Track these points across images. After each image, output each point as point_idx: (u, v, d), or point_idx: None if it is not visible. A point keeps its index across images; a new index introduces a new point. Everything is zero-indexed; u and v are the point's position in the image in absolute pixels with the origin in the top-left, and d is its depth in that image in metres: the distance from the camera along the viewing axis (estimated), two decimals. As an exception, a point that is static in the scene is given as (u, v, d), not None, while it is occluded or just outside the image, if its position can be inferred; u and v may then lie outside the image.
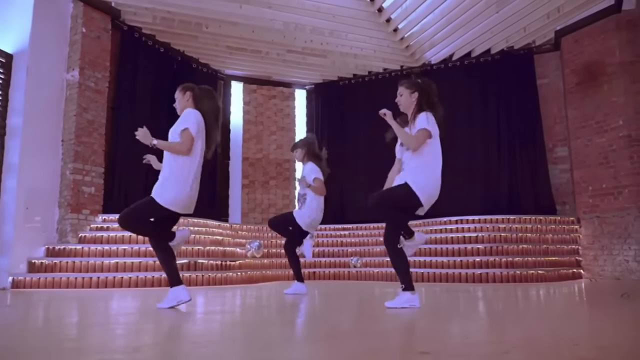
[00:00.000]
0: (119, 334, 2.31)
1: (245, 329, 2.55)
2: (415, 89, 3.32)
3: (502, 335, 2.17)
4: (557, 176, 8.00)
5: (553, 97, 8.19)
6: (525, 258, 6.56)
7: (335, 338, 2.10)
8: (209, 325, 2.66)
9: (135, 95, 7.49)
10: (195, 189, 3.34)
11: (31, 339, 2.16)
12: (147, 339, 2.18)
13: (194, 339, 2.14)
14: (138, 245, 6.11)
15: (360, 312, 3.47)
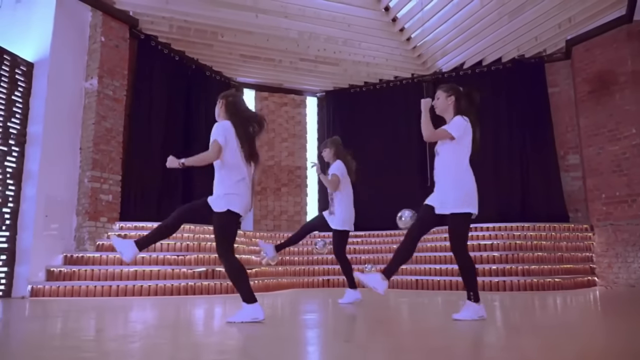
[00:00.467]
0: (137, 348, 2.32)
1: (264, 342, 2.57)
2: (452, 93, 3.33)
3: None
4: (569, 183, 8.05)
5: (564, 105, 8.26)
6: (541, 266, 6.59)
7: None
8: (228, 338, 2.68)
9: (151, 102, 7.54)
10: (244, 191, 3.20)
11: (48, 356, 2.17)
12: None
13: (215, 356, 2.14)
14: (156, 254, 6.13)
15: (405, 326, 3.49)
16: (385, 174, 8.78)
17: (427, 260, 7.17)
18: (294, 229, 9.15)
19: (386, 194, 8.59)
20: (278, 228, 9.17)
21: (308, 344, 2.46)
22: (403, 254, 3.21)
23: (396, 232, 8.19)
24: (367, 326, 3.25)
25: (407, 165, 8.89)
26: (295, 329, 2.99)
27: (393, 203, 7.65)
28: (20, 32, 6.23)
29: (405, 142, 8.89)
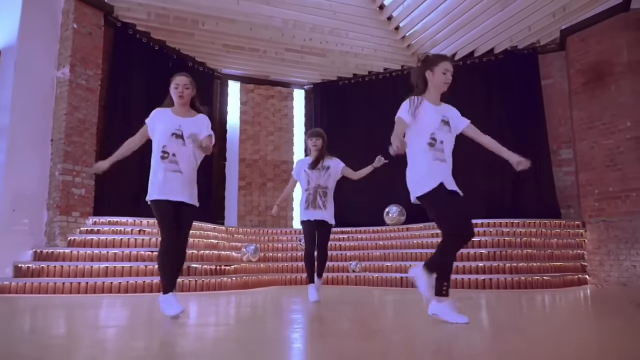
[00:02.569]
0: (107, 348, 2.09)
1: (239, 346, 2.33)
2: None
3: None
4: (561, 179, 7.80)
5: (558, 98, 8.00)
6: (530, 264, 6.35)
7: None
8: (200, 341, 2.45)
9: (129, 94, 7.28)
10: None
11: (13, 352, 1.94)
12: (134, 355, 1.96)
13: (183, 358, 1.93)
14: (129, 250, 5.89)
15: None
16: (373, 176, 8.54)
17: (413, 257, 6.94)
18: (280, 226, 8.95)
19: (374, 190, 8.34)
20: (263, 224, 8.93)
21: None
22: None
23: (383, 229, 7.96)
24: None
25: (397, 160, 8.63)
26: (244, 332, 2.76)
27: (381, 199, 7.43)
28: (-14, 18, 5.97)
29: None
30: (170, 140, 3.08)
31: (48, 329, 2.90)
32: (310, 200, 4.26)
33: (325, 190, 4.27)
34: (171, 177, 3.03)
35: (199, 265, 6.03)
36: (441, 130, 2.89)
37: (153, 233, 6.30)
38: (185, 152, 3.09)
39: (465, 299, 4.82)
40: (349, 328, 2.94)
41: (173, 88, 3.22)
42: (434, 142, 2.86)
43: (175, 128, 3.11)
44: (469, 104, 8.38)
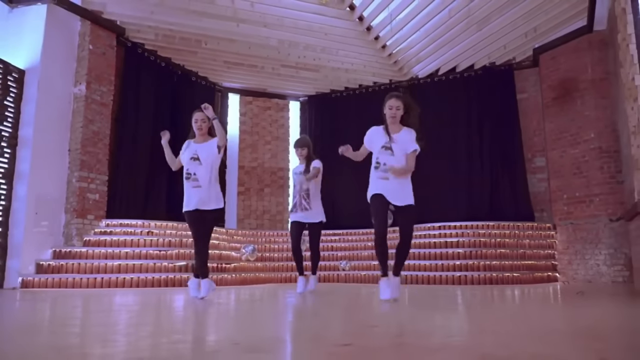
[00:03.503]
0: (120, 332, 2.72)
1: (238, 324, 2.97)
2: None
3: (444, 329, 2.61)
4: (535, 185, 8.47)
5: (532, 110, 8.68)
6: (502, 262, 7.01)
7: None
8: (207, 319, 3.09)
9: (137, 107, 7.95)
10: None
11: (36, 337, 2.57)
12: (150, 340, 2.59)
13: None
14: (139, 249, 6.54)
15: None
16: (364, 174, 9.19)
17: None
18: (276, 228, 9.59)
19: (363, 193, 8.99)
20: (260, 227, 9.58)
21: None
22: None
23: (371, 230, 8.58)
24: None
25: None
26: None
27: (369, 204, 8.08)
28: (12, 41, 6.64)
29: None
30: (190, 163, 4.08)
31: (70, 315, 3.55)
32: (297, 204, 4.87)
33: (307, 191, 4.86)
34: (194, 192, 4.02)
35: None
36: (383, 155, 3.76)
37: (160, 234, 6.95)
38: (202, 169, 4.06)
39: (442, 291, 5.47)
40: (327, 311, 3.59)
41: (193, 122, 4.19)
42: (378, 165, 3.76)
43: (193, 153, 4.11)
44: (450, 114, 9.21)
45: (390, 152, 3.73)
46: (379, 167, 3.72)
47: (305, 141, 5.05)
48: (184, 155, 4.15)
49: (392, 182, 3.69)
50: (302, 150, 4.97)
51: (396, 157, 3.72)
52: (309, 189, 4.87)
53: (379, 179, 3.73)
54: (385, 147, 3.74)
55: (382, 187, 3.69)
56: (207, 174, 4.04)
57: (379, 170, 3.73)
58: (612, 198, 7.13)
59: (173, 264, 6.47)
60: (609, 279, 7.03)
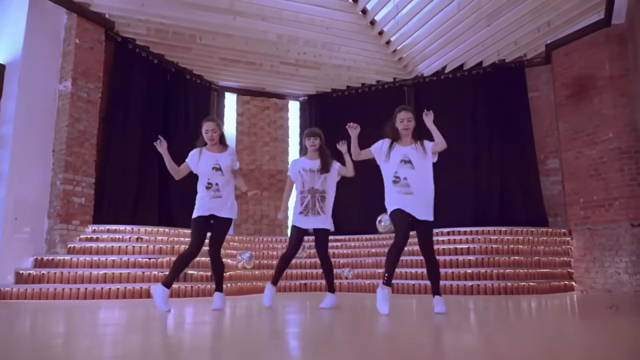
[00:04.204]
0: (105, 348, 2.28)
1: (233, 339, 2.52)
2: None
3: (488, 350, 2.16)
4: (548, 188, 8.02)
5: (544, 109, 8.25)
6: (517, 270, 6.55)
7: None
8: (197, 338, 2.64)
9: (128, 106, 7.50)
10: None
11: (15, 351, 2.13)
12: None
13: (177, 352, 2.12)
14: (127, 256, 6.08)
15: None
16: (366, 178, 8.75)
17: (402, 264, 7.13)
18: (275, 234, 9.14)
19: (366, 199, 8.55)
20: (258, 232, 9.12)
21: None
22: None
23: (376, 237, 8.15)
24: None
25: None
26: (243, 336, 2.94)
27: (373, 207, 7.63)
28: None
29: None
30: (212, 173, 3.98)
31: (47, 331, 3.08)
32: (309, 206, 4.07)
33: (323, 194, 4.12)
34: (214, 202, 3.95)
35: (195, 272, 6.21)
36: (403, 169, 3.66)
37: (150, 240, 6.49)
38: (224, 180, 4.01)
39: (453, 302, 5.01)
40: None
41: (203, 132, 4.05)
42: (397, 179, 3.66)
43: (214, 163, 4.01)
44: (458, 114, 8.76)
45: (411, 165, 3.67)
46: (399, 181, 3.65)
47: (317, 131, 4.40)
48: (200, 164, 4.03)
49: (416, 197, 3.63)
50: (314, 140, 4.27)
51: (417, 170, 3.68)
52: (325, 191, 4.16)
53: (401, 195, 3.63)
54: (405, 160, 3.67)
55: (406, 202, 3.61)
56: (228, 184, 4.04)
57: (398, 185, 3.65)
58: (634, 202, 6.69)
59: (163, 273, 5.98)
60: (630, 288, 6.57)
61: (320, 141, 4.34)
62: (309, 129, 4.52)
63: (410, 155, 3.67)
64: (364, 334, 2.77)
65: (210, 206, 3.92)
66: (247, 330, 2.90)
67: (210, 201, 3.94)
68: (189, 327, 3.09)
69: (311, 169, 4.18)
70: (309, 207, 4.10)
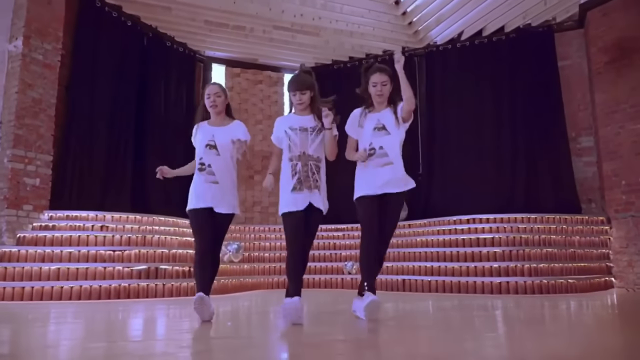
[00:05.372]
0: None
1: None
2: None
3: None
4: (581, 170, 7.00)
5: (576, 80, 7.20)
6: (551, 264, 5.54)
7: None
8: None
9: (95, 74, 6.46)
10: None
11: None
12: None
13: None
14: (87, 248, 5.06)
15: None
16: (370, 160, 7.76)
17: (416, 257, 6.13)
18: (268, 222, 8.14)
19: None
20: (250, 221, 8.10)
21: None
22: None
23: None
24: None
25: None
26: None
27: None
28: None
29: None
30: (205, 151, 3.09)
31: None
32: (302, 178, 2.94)
33: (318, 163, 2.99)
34: (207, 187, 3.04)
35: (169, 267, 5.20)
36: (377, 137, 3.04)
37: (117, 229, 5.47)
38: (220, 161, 3.09)
39: (476, 305, 4.00)
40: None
41: (205, 98, 3.18)
42: (373, 151, 3.03)
43: (208, 139, 3.11)
44: (476, 88, 7.70)
45: (385, 131, 3.05)
46: (374, 152, 3.04)
47: (307, 81, 3.06)
48: (196, 140, 3.18)
49: (396, 167, 3.03)
50: (301, 95, 3.03)
51: (393, 136, 3.05)
52: (320, 160, 3.03)
53: (377, 168, 3.02)
54: (378, 127, 3.07)
55: (382, 178, 3.00)
56: (226, 167, 3.12)
57: (375, 157, 3.03)
58: (690, 184, 5.66)
59: (130, 268, 4.98)
60: (685, 285, 5.57)
61: (310, 95, 3.05)
62: (294, 78, 3.12)
63: (384, 120, 3.07)
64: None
65: (206, 195, 3.02)
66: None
67: (204, 187, 3.03)
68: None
69: (302, 127, 2.99)
70: (301, 179, 2.94)
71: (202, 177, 3.05)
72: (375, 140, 3.04)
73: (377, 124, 3.06)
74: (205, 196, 3.02)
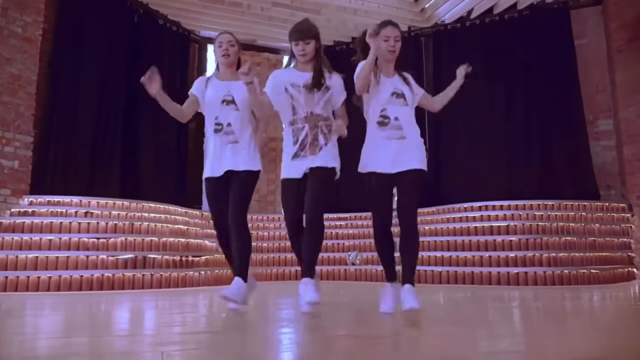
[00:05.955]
0: None
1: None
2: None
3: None
4: (599, 154, 6.58)
5: (593, 60, 6.77)
6: (572, 254, 5.13)
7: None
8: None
9: (80, 51, 6.02)
10: None
11: None
12: None
13: None
14: (69, 235, 4.64)
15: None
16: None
17: (425, 246, 5.72)
18: (267, 211, 7.74)
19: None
20: (248, 210, 7.67)
21: None
22: None
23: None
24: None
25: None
26: None
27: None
28: None
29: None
30: (221, 108, 2.73)
31: None
32: (308, 143, 2.52)
33: (328, 122, 2.61)
34: (225, 150, 2.71)
35: (158, 256, 4.79)
36: (392, 105, 2.60)
37: (102, 215, 5.06)
38: (238, 117, 2.73)
39: (490, 297, 3.60)
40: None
41: (217, 47, 2.87)
42: (386, 120, 2.59)
43: (224, 94, 2.75)
44: (486, 69, 7.24)
45: (404, 101, 2.61)
46: (388, 122, 2.58)
47: (313, 29, 2.66)
48: (207, 96, 2.77)
49: (410, 142, 2.59)
50: (305, 45, 2.60)
51: (410, 109, 2.64)
52: (330, 118, 2.64)
53: (387, 142, 2.56)
54: (397, 94, 2.60)
55: (392, 153, 2.54)
56: (247, 125, 2.77)
57: (387, 128, 2.58)
58: None
59: (115, 257, 4.58)
60: None
61: (314, 46, 2.64)
62: (297, 26, 2.69)
63: (403, 88, 2.63)
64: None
65: (223, 158, 2.70)
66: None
67: (222, 150, 2.71)
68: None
69: (306, 84, 2.57)
70: (306, 145, 2.54)
71: (218, 139, 2.71)
72: (390, 107, 2.59)
73: (396, 89, 2.61)
74: (222, 159, 2.70)
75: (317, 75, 2.60)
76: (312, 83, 2.59)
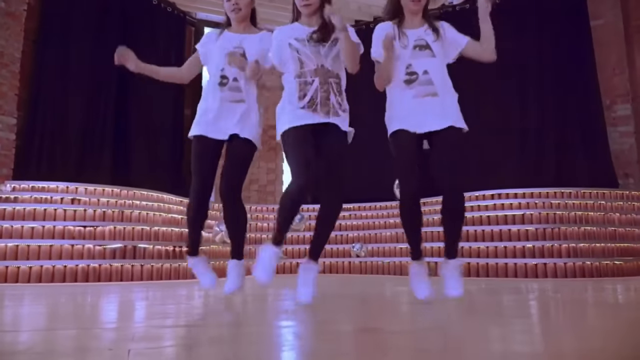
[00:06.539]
0: None
1: None
2: None
3: None
4: (616, 141, 6.26)
5: (611, 41, 6.43)
6: (592, 244, 4.81)
7: None
8: None
9: (68, 31, 5.71)
10: None
11: None
12: None
13: None
14: (53, 223, 4.31)
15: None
16: (379, 134, 7.00)
17: (434, 237, 5.40)
18: (267, 201, 7.42)
19: (380, 158, 6.77)
20: (246, 200, 7.28)
21: None
22: None
23: (394, 204, 6.39)
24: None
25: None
26: None
27: (389, 168, 5.89)
28: None
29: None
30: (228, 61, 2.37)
31: None
32: (318, 98, 2.17)
33: (338, 80, 2.26)
34: (230, 108, 2.39)
35: (149, 245, 4.46)
36: (418, 58, 2.29)
37: (90, 202, 4.73)
38: (247, 75, 2.38)
39: (506, 291, 3.27)
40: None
41: (225, 1, 2.56)
42: (413, 77, 2.27)
43: (234, 45, 2.44)
44: (498, 54, 6.89)
45: (430, 52, 2.30)
46: (416, 79, 2.26)
47: None
48: (213, 47, 2.48)
49: (443, 100, 2.28)
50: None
51: (439, 59, 2.32)
52: (341, 77, 2.29)
53: (418, 99, 2.25)
54: (420, 46, 2.30)
55: (425, 111, 2.23)
56: (253, 86, 2.47)
57: (416, 85, 2.26)
58: None
59: (102, 247, 4.24)
60: None
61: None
62: None
63: (428, 37, 2.32)
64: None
65: (227, 119, 2.36)
66: None
67: (225, 108, 2.37)
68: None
69: (312, 36, 2.24)
70: (317, 102, 2.16)
71: (221, 94, 2.38)
72: (416, 62, 2.28)
73: (418, 40, 2.30)
74: (226, 119, 2.36)
75: (323, 29, 2.25)
76: (318, 35, 2.24)
